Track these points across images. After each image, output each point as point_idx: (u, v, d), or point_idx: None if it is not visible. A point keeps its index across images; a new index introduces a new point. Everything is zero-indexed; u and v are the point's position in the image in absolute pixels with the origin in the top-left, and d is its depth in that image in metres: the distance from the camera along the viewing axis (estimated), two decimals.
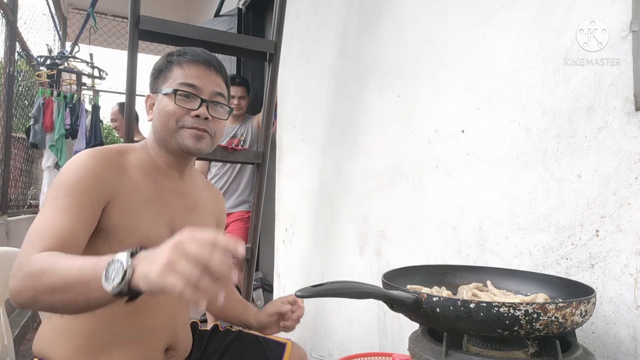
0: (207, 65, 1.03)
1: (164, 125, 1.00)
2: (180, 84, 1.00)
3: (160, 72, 1.04)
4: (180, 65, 1.02)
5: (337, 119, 1.97)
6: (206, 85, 1.01)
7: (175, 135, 1.00)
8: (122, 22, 5.79)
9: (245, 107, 2.96)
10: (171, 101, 0.99)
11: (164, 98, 1.01)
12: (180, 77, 1.01)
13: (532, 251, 1.05)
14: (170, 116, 0.99)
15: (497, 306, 0.69)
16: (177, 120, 0.99)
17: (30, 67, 4.34)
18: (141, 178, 0.99)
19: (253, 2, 3.32)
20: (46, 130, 3.96)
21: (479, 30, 1.23)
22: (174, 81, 1.01)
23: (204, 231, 0.60)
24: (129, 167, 0.98)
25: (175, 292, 0.57)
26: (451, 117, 1.32)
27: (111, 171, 0.93)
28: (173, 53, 1.05)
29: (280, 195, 2.57)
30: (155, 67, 1.06)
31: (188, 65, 1.02)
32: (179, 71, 1.01)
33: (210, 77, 1.03)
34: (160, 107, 1.01)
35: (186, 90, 0.99)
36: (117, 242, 0.92)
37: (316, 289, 0.75)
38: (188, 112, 0.99)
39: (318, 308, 2.08)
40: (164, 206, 1.01)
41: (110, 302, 0.67)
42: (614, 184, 0.89)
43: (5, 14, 3.29)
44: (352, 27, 1.89)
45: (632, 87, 0.86)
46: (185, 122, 0.99)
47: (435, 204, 1.37)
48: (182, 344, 1.06)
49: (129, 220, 0.94)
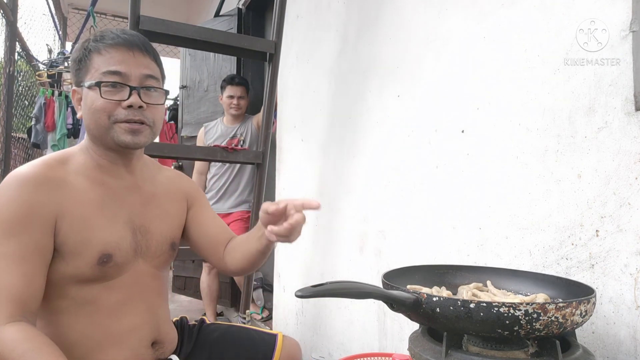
0: (130, 46, 0.92)
1: (95, 123, 0.91)
2: (103, 73, 0.90)
3: (79, 62, 0.94)
4: (99, 52, 0.91)
5: (337, 119, 1.97)
6: (132, 69, 0.91)
7: (109, 131, 0.91)
8: (122, 22, 5.79)
9: (244, 107, 2.96)
10: (97, 95, 0.89)
11: (89, 92, 0.91)
12: (102, 65, 0.90)
13: (532, 251, 1.05)
14: (100, 112, 0.90)
15: (497, 306, 0.69)
16: (108, 116, 0.90)
17: (30, 67, 4.34)
18: (86, 184, 0.93)
19: (253, 2, 3.32)
20: (48, 130, 3.97)
21: (479, 30, 1.23)
22: (96, 71, 0.91)
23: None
24: (69, 176, 0.92)
25: None
26: (451, 117, 1.32)
27: (49, 191, 0.87)
28: (89, 39, 0.94)
29: (280, 195, 2.57)
30: (74, 58, 0.95)
31: (108, 50, 0.91)
32: (99, 59, 0.91)
33: (136, 59, 0.92)
34: (88, 103, 0.91)
35: (111, 80, 0.90)
36: (74, 257, 0.88)
37: (316, 289, 0.75)
38: (119, 104, 0.90)
39: (318, 308, 2.08)
40: (119, 206, 0.96)
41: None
42: (614, 184, 0.89)
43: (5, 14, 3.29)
44: (352, 27, 1.89)
45: (632, 87, 0.86)
46: (117, 116, 0.90)
47: (435, 204, 1.37)
48: (167, 337, 1.04)
49: (83, 233, 0.89)
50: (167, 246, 1.03)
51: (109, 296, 0.93)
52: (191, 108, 3.64)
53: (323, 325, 2.03)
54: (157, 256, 1.02)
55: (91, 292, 0.92)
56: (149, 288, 1.00)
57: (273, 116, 2.16)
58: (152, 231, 1.00)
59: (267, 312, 3.07)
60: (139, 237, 0.98)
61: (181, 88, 3.76)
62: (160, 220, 1.03)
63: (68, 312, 0.91)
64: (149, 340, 0.99)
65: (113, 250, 0.92)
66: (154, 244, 1.00)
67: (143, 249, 0.99)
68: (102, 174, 0.96)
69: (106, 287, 0.93)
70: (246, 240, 1.06)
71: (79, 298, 0.91)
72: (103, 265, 0.90)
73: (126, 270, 0.95)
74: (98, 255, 0.90)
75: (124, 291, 0.95)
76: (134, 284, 0.97)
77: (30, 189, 0.86)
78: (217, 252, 1.12)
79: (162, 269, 1.05)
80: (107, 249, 0.91)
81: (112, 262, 0.92)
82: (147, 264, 1.00)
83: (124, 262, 0.94)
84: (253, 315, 2.65)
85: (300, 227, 0.84)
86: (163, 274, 1.07)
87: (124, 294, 0.95)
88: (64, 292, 0.91)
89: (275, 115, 2.56)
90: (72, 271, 0.89)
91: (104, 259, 0.90)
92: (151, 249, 1.00)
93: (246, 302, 2.14)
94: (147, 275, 1.00)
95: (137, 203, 1.00)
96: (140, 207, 1.00)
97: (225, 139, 2.90)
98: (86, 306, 0.92)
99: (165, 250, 1.03)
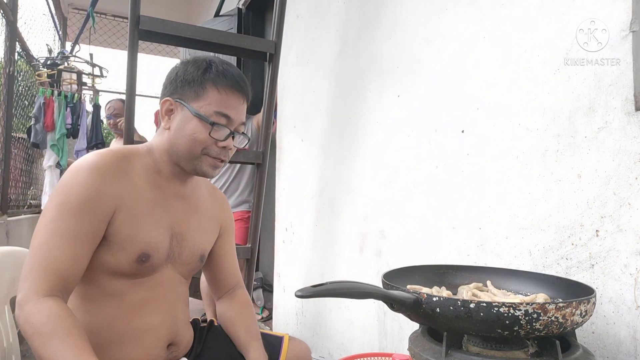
0: (242, 94, 1.00)
1: (188, 149, 0.97)
2: (217, 112, 0.96)
3: (190, 83, 0.97)
4: (217, 88, 0.97)
5: (337, 119, 1.97)
6: (237, 116, 0.99)
7: (195, 160, 0.98)
8: (122, 22, 5.79)
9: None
10: (204, 130, 0.95)
11: (193, 119, 0.96)
12: (216, 103, 0.96)
13: (532, 251, 1.05)
14: (199, 143, 0.96)
15: (497, 306, 0.69)
16: (203, 148, 0.97)
17: (30, 67, 4.34)
18: (144, 184, 0.98)
19: (253, 2, 3.32)
20: (47, 129, 3.96)
21: (479, 30, 1.23)
22: (208, 105, 0.96)
23: None
24: (133, 172, 0.96)
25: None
26: (451, 117, 1.32)
27: (114, 182, 0.92)
28: (210, 68, 0.98)
29: (280, 195, 2.57)
30: (186, 77, 0.98)
31: (225, 90, 0.97)
32: (214, 95, 0.96)
33: (242, 107, 1.01)
34: (188, 129, 0.96)
35: (222, 122, 0.96)
36: (118, 249, 0.92)
37: (316, 289, 0.75)
38: (215, 142, 0.97)
39: (318, 308, 2.08)
40: (165, 210, 1.00)
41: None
42: (614, 184, 0.89)
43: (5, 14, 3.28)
44: (352, 27, 1.89)
45: (632, 87, 0.86)
46: (210, 151, 0.97)
47: (435, 204, 1.37)
48: (183, 340, 1.07)
49: (132, 229, 0.93)
50: (196, 257, 1.07)
51: (136, 293, 0.97)
52: None
53: (323, 325, 2.03)
54: (186, 264, 1.05)
55: (119, 286, 0.95)
56: (172, 292, 1.04)
57: (273, 116, 2.16)
58: (187, 240, 1.04)
59: (267, 312, 3.07)
60: (175, 244, 1.02)
61: None
62: (197, 232, 1.07)
63: (95, 300, 0.95)
64: (166, 341, 1.02)
65: (152, 252, 0.96)
66: (186, 252, 1.04)
67: (176, 255, 1.02)
68: (160, 179, 1.01)
69: (135, 283, 0.96)
70: (236, 333, 1.12)
71: (108, 289, 0.95)
72: (140, 264, 0.94)
73: (156, 272, 0.99)
74: (139, 252, 0.94)
75: (149, 291, 0.99)
76: (159, 285, 1.00)
77: (99, 176, 0.90)
78: (219, 288, 1.19)
79: (187, 276, 1.09)
80: (148, 249, 0.95)
81: (149, 262, 0.95)
82: (175, 270, 1.04)
83: (157, 264, 0.98)
84: None
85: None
86: (186, 282, 1.10)
87: (149, 293, 0.99)
88: (96, 280, 0.94)
89: (275, 115, 2.56)
90: (112, 263, 0.93)
91: (143, 257, 0.94)
92: (182, 257, 1.04)
93: None
94: (173, 279, 1.03)
95: (181, 211, 1.04)
96: (183, 216, 1.04)
97: None
98: (114, 298, 0.95)
99: (194, 260, 1.07)
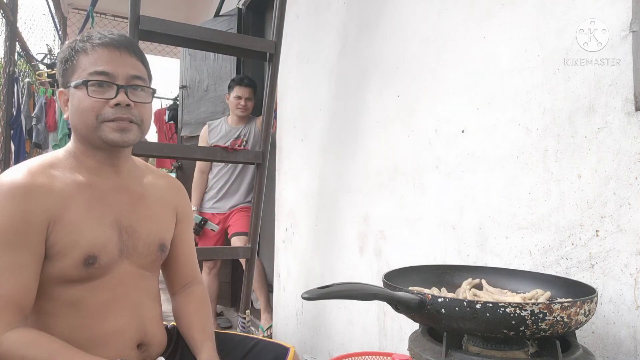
0: (117, 47, 0.93)
1: (83, 122, 0.92)
2: (90, 73, 0.91)
3: (66, 62, 0.94)
4: (86, 52, 0.92)
5: (337, 119, 1.97)
6: (119, 69, 0.93)
7: (97, 131, 0.92)
8: (122, 22, 5.79)
9: (251, 108, 2.96)
10: (84, 94, 0.90)
11: (76, 92, 0.92)
12: (89, 65, 0.91)
13: (532, 251, 1.05)
14: (87, 111, 0.91)
15: (504, 306, 0.68)
16: (96, 115, 0.91)
17: (30, 67, 4.34)
18: (73, 187, 0.93)
19: (253, 2, 3.32)
20: (49, 129, 3.96)
21: (479, 30, 1.23)
22: (83, 71, 0.92)
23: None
24: (55, 182, 0.91)
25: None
26: (451, 117, 1.32)
27: (35, 200, 0.87)
28: (76, 40, 0.95)
29: (280, 195, 2.57)
30: (60, 59, 0.96)
31: (95, 50, 0.92)
32: (86, 59, 0.92)
33: (123, 59, 0.94)
34: (75, 103, 0.92)
35: (98, 79, 0.91)
36: (61, 257, 0.89)
37: (323, 291, 0.74)
38: (106, 103, 0.91)
39: (318, 308, 2.08)
40: (105, 207, 0.95)
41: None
42: (614, 184, 0.89)
43: (5, 14, 3.28)
44: (352, 27, 1.89)
45: (632, 87, 0.86)
46: (106, 115, 0.91)
47: (435, 204, 1.37)
48: (154, 339, 1.02)
49: (71, 235, 0.89)
50: (154, 247, 1.02)
51: (94, 297, 0.93)
52: (191, 108, 3.64)
53: (323, 325, 2.03)
54: (144, 256, 1.01)
55: (75, 293, 0.92)
56: (135, 289, 0.99)
57: (273, 116, 2.16)
58: (139, 232, 1.00)
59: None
60: (125, 238, 0.97)
61: (181, 88, 3.76)
62: (149, 221, 1.02)
63: (53, 313, 0.91)
64: (134, 341, 0.98)
65: (99, 252, 0.92)
66: (140, 244, 0.99)
67: (129, 249, 0.98)
68: (90, 175, 0.96)
69: (91, 288, 0.93)
70: (191, 333, 1.06)
71: (63, 299, 0.91)
72: (88, 267, 0.91)
73: (111, 271, 0.95)
74: (84, 256, 0.90)
75: (109, 292, 0.95)
76: (118, 284, 0.96)
77: (19, 199, 0.86)
78: (173, 283, 1.14)
79: (150, 269, 1.04)
80: (93, 251, 0.91)
81: (97, 263, 0.91)
82: (133, 265, 0.99)
83: (109, 263, 0.94)
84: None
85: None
86: (152, 275, 1.05)
87: (109, 295, 0.95)
88: (49, 293, 0.91)
89: (275, 115, 2.56)
90: (57, 272, 0.89)
91: (90, 260, 0.90)
92: (137, 250, 0.99)
93: (246, 302, 2.14)
94: (134, 275, 0.99)
95: (125, 203, 0.99)
96: (128, 208, 0.99)
97: (229, 140, 2.89)
98: (71, 307, 0.92)
99: (152, 251, 1.02)
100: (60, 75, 0.97)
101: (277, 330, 2.56)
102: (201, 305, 1.12)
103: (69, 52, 0.95)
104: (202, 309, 1.11)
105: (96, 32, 0.95)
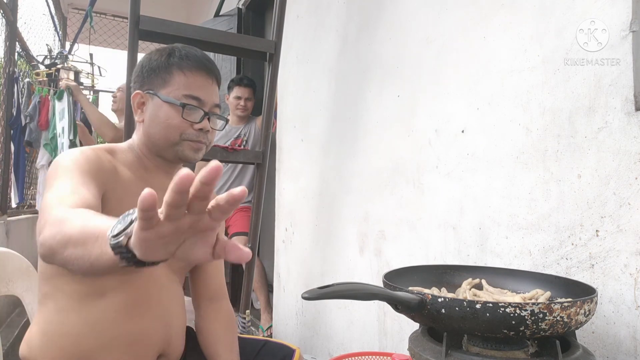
0: (209, 74, 1.01)
1: (164, 136, 0.98)
2: (186, 95, 0.97)
3: (156, 71, 0.99)
4: (183, 72, 0.98)
5: (337, 119, 1.97)
6: (208, 97, 1.00)
7: (176, 146, 0.98)
8: (122, 22, 5.79)
9: (251, 109, 2.96)
10: (177, 114, 0.96)
11: (164, 105, 0.97)
12: (184, 86, 0.97)
13: (532, 251, 1.05)
14: (174, 129, 0.97)
15: (504, 306, 0.68)
16: (180, 133, 0.97)
17: (30, 67, 4.34)
18: (132, 177, 0.97)
19: (253, 2, 3.32)
20: (41, 128, 3.92)
21: (479, 30, 1.23)
22: (177, 90, 0.97)
23: None
24: (119, 165, 0.96)
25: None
26: (451, 117, 1.32)
27: (104, 167, 0.91)
28: (173, 53, 1.00)
29: (280, 195, 2.57)
30: (151, 65, 1.00)
31: (191, 72, 0.99)
32: (181, 78, 0.98)
33: (212, 87, 1.02)
34: (161, 116, 0.97)
35: (192, 103, 0.97)
36: None
37: (323, 290, 0.74)
38: (191, 125, 0.98)
39: (318, 308, 2.08)
40: None
41: (109, 265, 0.55)
42: (614, 184, 0.89)
43: (5, 14, 3.28)
44: (352, 27, 1.89)
45: (632, 87, 0.86)
46: (189, 135, 0.98)
47: (435, 204, 1.37)
48: (174, 352, 1.01)
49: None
50: None
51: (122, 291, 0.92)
52: None
53: (323, 325, 2.03)
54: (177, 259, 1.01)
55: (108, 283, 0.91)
56: (167, 291, 1.00)
57: (273, 116, 2.16)
58: None
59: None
60: None
61: None
62: None
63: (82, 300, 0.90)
64: (156, 351, 0.97)
65: None
66: None
67: None
68: (145, 173, 1.01)
69: (120, 281, 0.92)
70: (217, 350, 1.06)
71: (87, 285, 0.90)
72: None
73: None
74: None
75: (142, 289, 0.94)
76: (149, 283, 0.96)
77: (94, 158, 0.91)
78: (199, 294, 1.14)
79: (179, 274, 1.06)
80: None
81: None
82: (166, 266, 0.98)
83: None
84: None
85: None
86: (179, 281, 1.07)
87: (141, 292, 0.94)
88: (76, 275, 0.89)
89: (275, 115, 2.56)
90: None
91: None
92: None
93: (246, 302, 2.14)
94: (164, 276, 1.00)
95: None
96: None
97: (229, 139, 2.89)
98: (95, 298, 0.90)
99: None
100: (143, 78, 1.00)
101: (277, 330, 2.56)
102: (230, 322, 1.13)
103: (162, 62, 0.99)
104: (231, 326, 1.13)
105: (192, 52, 1.01)
